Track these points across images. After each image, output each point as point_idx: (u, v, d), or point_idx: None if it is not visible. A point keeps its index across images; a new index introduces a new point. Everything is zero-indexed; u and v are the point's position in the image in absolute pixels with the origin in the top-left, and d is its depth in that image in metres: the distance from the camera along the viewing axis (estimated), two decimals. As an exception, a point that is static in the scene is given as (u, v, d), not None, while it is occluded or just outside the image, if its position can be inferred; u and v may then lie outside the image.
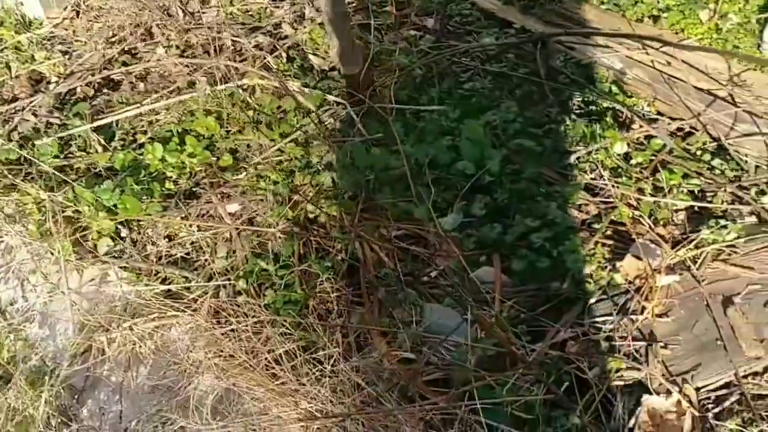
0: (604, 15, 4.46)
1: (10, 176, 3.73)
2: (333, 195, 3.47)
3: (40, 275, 3.38)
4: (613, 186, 3.39)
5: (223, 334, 2.97)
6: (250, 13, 4.77)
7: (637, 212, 3.31)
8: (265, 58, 4.28)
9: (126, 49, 4.46)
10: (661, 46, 4.06)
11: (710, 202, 3.33)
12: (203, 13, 4.78)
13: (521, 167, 3.47)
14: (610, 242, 3.24)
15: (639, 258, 3.03)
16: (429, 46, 4.17)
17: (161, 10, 4.56)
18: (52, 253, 3.37)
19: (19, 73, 4.47)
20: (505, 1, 4.64)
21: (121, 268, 3.34)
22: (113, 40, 4.51)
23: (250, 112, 3.99)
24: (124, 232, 3.50)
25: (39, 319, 3.25)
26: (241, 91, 4.04)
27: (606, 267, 3.13)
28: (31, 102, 4.13)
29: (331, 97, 3.86)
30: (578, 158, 3.54)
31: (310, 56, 4.34)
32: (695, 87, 3.87)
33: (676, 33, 4.28)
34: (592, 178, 3.49)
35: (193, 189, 3.70)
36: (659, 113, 3.81)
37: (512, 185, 3.40)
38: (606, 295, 3.02)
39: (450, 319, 2.97)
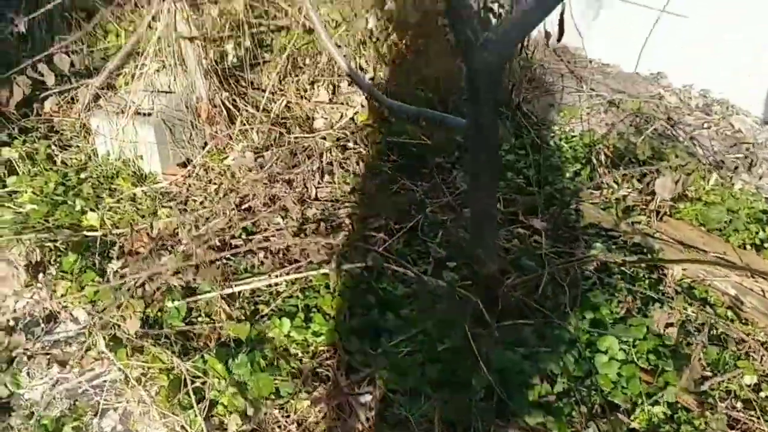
0: (708, 237, 4.65)
1: (135, 338, 3.71)
2: (467, 395, 3.45)
3: (166, 448, 3.28)
4: (750, 419, 3.40)
5: None
6: (363, 194, 4.96)
7: (777, 450, 3.31)
8: (385, 241, 4.41)
9: (249, 216, 4.59)
10: (772, 277, 4.21)
11: None
12: (318, 188, 4.97)
13: (656, 390, 3.48)
14: (754, 479, 3.21)
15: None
16: (549, 250, 4.30)
17: (288, 183, 4.75)
18: (184, 428, 3.28)
19: (139, 227, 4.56)
20: (609, 212, 4.86)
21: (252, 452, 3.25)
22: (243, 207, 4.66)
23: (372, 295, 4.05)
24: (249, 411, 3.42)
25: (162, 498, 3.11)
26: (364, 273, 4.11)
27: (753, 506, 3.09)
28: (155, 261, 4.18)
29: (461, 291, 3.91)
30: (710, 386, 3.57)
31: (429, 243, 4.47)
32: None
33: (779, 264, 4.45)
34: (725, 407, 3.50)
35: (317, 369, 3.67)
36: (779, 346, 3.89)
37: (650, 407, 3.40)
38: None
39: None
